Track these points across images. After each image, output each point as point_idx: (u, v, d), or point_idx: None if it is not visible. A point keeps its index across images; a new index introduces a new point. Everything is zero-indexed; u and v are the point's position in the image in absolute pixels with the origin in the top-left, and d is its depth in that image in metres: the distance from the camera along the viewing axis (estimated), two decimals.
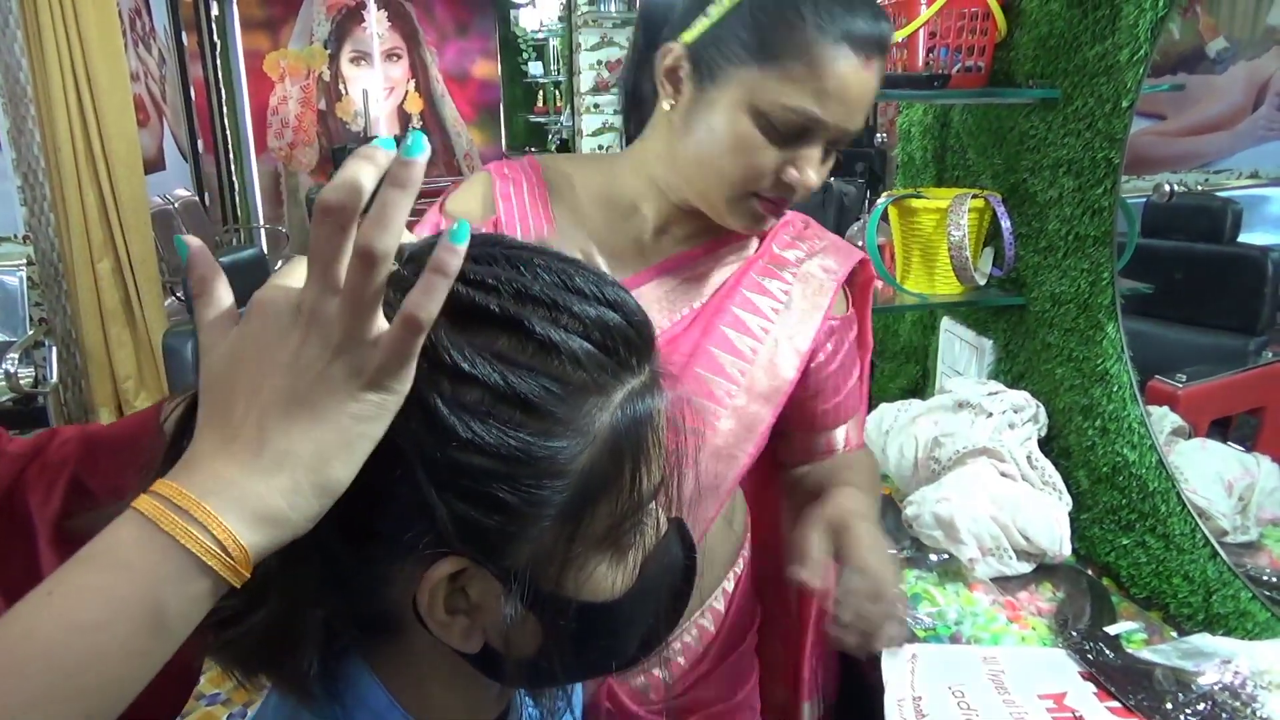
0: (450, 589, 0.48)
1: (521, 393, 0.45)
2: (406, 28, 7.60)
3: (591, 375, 0.47)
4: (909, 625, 1.21)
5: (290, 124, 7.49)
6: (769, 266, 1.01)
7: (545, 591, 0.48)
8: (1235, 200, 1.60)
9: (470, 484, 0.45)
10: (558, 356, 0.46)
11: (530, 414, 0.45)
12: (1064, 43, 1.36)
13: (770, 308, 0.99)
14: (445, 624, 0.49)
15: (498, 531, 0.46)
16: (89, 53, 3.62)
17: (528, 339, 0.46)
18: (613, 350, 0.48)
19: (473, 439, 0.44)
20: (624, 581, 0.52)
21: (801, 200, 0.91)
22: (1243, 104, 1.64)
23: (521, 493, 0.45)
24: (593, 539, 0.49)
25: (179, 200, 5.28)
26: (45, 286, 3.70)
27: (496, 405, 0.45)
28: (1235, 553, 1.21)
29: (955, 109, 1.72)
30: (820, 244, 1.05)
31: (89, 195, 3.69)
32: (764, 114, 0.84)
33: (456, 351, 0.44)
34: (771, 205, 0.89)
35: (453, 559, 0.46)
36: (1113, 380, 1.31)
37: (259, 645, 0.48)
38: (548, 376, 0.45)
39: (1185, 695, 0.98)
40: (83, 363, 3.82)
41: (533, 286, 0.47)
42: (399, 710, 0.54)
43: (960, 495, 1.34)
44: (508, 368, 0.45)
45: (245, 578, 0.41)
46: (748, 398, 0.97)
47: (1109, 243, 1.31)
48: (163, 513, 0.39)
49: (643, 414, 0.49)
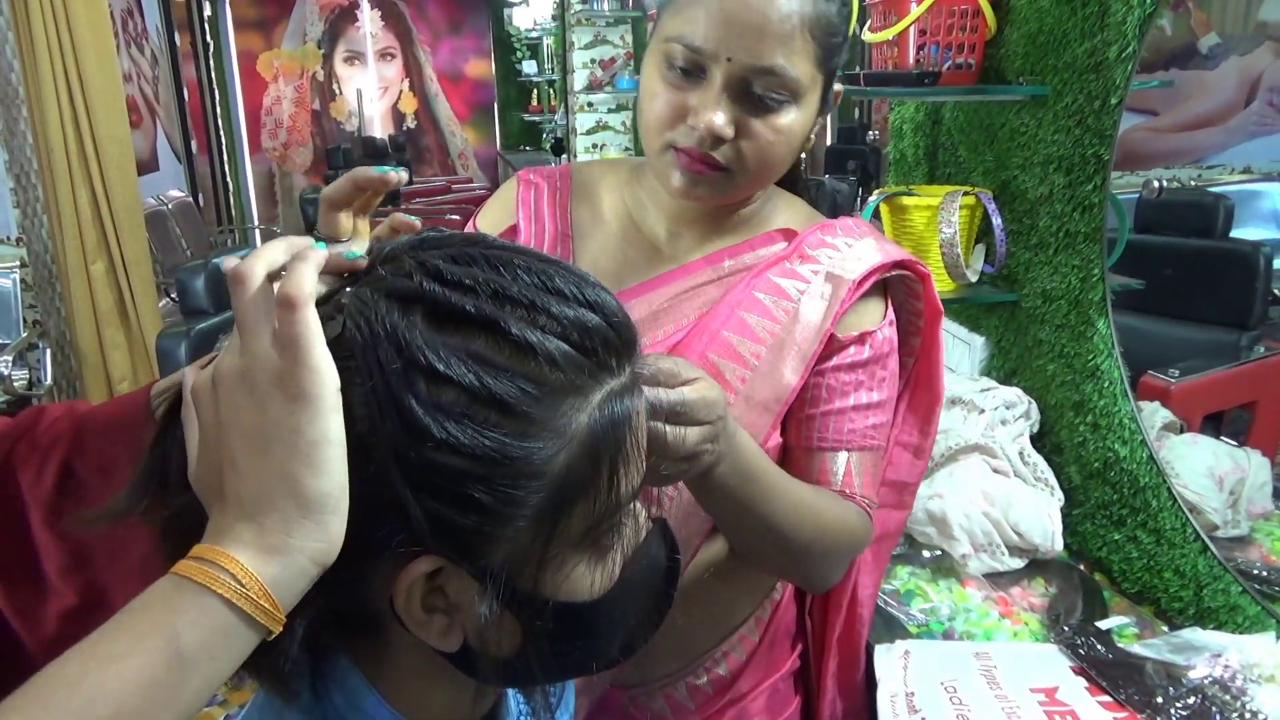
0: (428, 588, 0.48)
1: (497, 393, 0.45)
2: (400, 27, 7.59)
3: (569, 376, 0.47)
4: (902, 621, 1.22)
5: (284, 124, 7.48)
6: (791, 267, 0.91)
7: (523, 591, 0.48)
8: (1227, 196, 1.60)
9: (445, 484, 0.45)
10: (534, 358, 0.46)
11: (506, 415, 0.45)
12: (1053, 40, 1.37)
13: (782, 308, 0.90)
14: (423, 622, 0.49)
15: (473, 531, 0.46)
16: (81, 54, 3.61)
17: (504, 340, 0.46)
18: (591, 351, 0.48)
19: (448, 439, 0.44)
20: (603, 582, 0.52)
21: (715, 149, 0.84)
22: (1235, 99, 1.64)
23: (497, 493, 0.45)
24: (570, 540, 0.49)
25: (173, 202, 5.27)
26: (39, 289, 3.69)
27: (472, 406, 0.45)
28: (1226, 547, 1.22)
29: (946, 106, 1.72)
30: (855, 237, 0.93)
31: (82, 197, 3.68)
32: (663, 57, 0.84)
33: (432, 352, 0.44)
34: (687, 157, 0.84)
35: (428, 558, 0.46)
36: (1104, 376, 1.32)
37: None
38: (524, 378, 0.45)
39: (1176, 689, 0.99)
40: (77, 365, 3.81)
41: (511, 287, 0.47)
42: (387, 709, 0.54)
43: (953, 491, 1.34)
44: (483, 368, 0.45)
45: (272, 613, 0.42)
46: (745, 407, 0.88)
47: (1099, 239, 1.31)
48: (183, 564, 0.43)
49: (621, 415, 0.49)
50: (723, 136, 0.82)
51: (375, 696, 0.54)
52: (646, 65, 0.87)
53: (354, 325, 0.46)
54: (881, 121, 3.20)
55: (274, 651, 0.47)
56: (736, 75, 0.81)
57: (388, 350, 0.44)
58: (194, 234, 5.29)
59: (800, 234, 0.93)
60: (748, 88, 0.82)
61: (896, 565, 1.36)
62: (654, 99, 0.85)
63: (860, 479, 0.90)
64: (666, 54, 0.83)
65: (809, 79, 0.84)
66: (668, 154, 0.86)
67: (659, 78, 0.84)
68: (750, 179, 0.88)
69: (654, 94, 0.85)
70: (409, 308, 0.46)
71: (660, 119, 0.85)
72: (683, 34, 0.81)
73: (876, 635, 1.16)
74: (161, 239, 4.77)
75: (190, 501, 0.47)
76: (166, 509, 0.49)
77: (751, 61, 0.80)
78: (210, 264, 2.84)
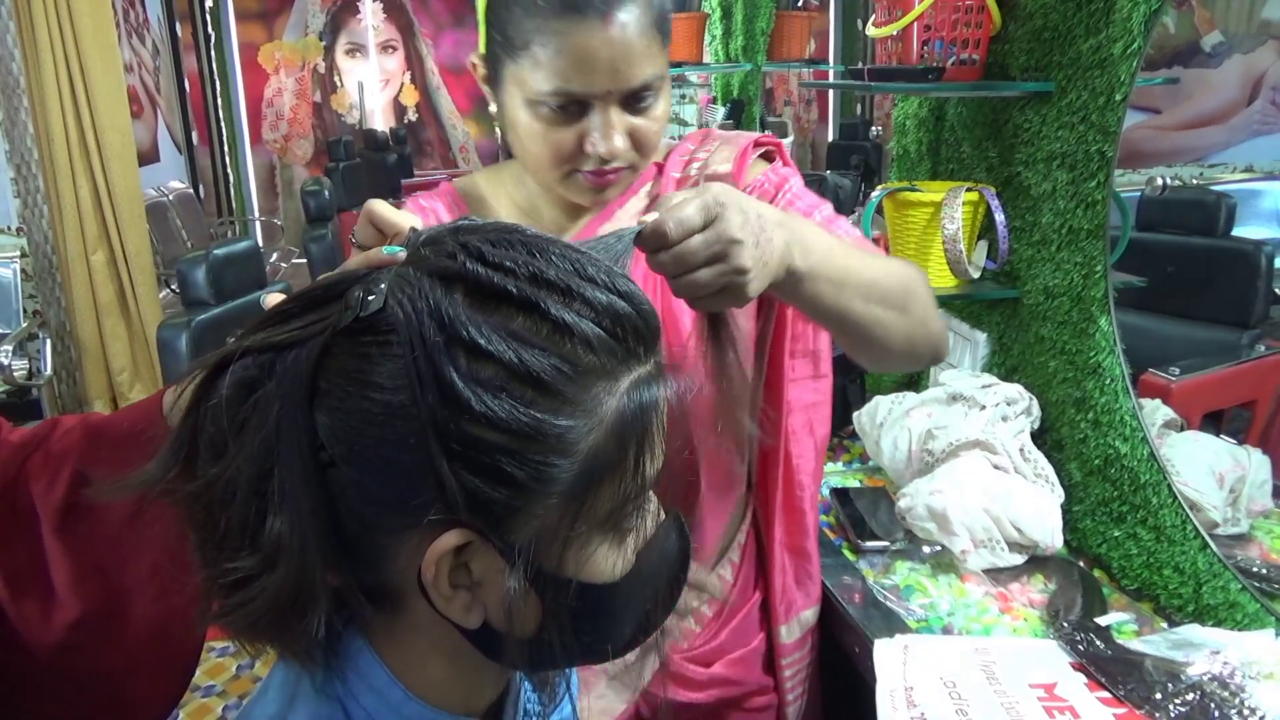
0: (454, 563, 0.49)
1: (535, 371, 0.46)
2: (402, 19, 7.58)
3: (601, 360, 0.49)
4: (901, 616, 1.22)
5: (285, 116, 7.47)
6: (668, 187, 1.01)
7: (547, 570, 0.50)
8: (1229, 194, 1.61)
9: (481, 457, 0.46)
10: (570, 339, 0.48)
11: (542, 392, 0.47)
12: (1058, 36, 1.37)
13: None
14: (448, 597, 0.50)
15: (504, 505, 0.47)
16: (82, 44, 3.61)
17: (543, 320, 0.48)
18: (622, 338, 0.50)
19: (486, 413, 0.46)
20: (623, 565, 0.53)
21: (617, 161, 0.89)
22: (1238, 98, 1.65)
23: (529, 468, 0.47)
24: (595, 520, 0.50)
25: (174, 193, 5.27)
26: (39, 279, 3.69)
27: (510, 382, 0.46)
28: (1226, 544, 1.22)
29: (950, 102, 1.72)
30: (715, 144, 1.03)
31: (83, 187, 3.68)
32: (536, 102, 0.86)
33: (474, 328, 0.46)
34: (595, 177, 0.90)
35: (459, 531, 0.48)
36: (1105, 373, 1.32)
37: (268, 610, 0.49)
38: (560, 357, 0.47)
39: (1175, 685, 0.99)
40: (77, 355, 3.81)
41: (548, 271, 0.49)
42: (399, 687, 0.55)
43: (953, 487, 1.34)
44: (523, 346, 0.47)
45: None
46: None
47: (1102, 236, 1.31)
48: None
49: (648, 402, 0.51)
50: (622, 152, 0.88)
51: (388, 675, 0.55)
52: (513, 112, 0.89)
53: (395, 301, 0.47)
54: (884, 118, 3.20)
55: (304, 619, 0.49)
56: (616, 99, 0.86)
57: (429, 325, 0.46)
58: (194, 225, 5.29)
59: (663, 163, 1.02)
60: (629, 102, 0.87)
61: (896, 560, 1.36)
62: (539, 141, 0.88)
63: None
64: (538, 101, 0.86)
65: (665, 65, 0.90)
66: (571, 178, 0.91)
67: (536, 121, 0.87)
68: (646, 164, 0.95)
69: (537, 136, 0.88)
70: (451, 286, 0.48)
71: (554, 156, 0.89)
72: (556, 87, 0.84)
73: (875, 630, 1.17)
74: (162, 230, 4.77)
75: (220, 473, 0.48)
76: (195, 480, 0.50)
77: (629, 86, 0.85)
78: (211, 255, 2.84)
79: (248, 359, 0.49)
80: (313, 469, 0.47)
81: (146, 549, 0.67)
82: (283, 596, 0.48)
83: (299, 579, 0.48)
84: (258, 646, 0.53)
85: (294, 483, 0.47)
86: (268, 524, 0.47)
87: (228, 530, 0.49)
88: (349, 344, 0.48)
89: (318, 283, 0.52)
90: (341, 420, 0.47)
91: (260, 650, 0.53)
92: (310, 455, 0.47)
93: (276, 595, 0.48)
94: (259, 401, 0.48)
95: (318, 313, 0.50)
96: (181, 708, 2.43)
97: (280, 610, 0.49)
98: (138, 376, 3.98)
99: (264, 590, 0.48)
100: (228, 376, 0.49)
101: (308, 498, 0.47)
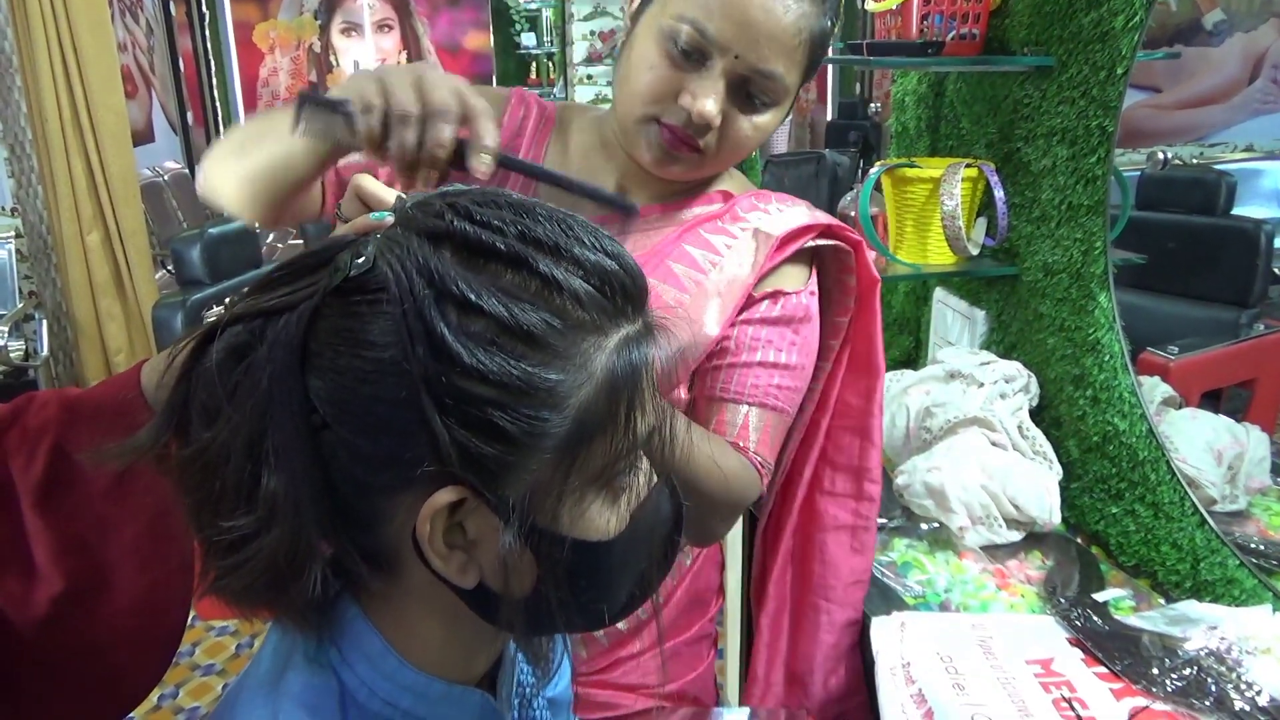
0: (449, 522, 0.49)
1: (525, 325, 0.47)
2: None
3: (590, 315, 0.49)
4: (899, 593, 1.22)
5: (281, 96, 7.42)
6: (722, 225, 0.94)
7: (541, 526, 0.50)
8: (1229, 173, 1.60)
9: (473, 411, 0.46)
10: (559, 294, 0.48)
11: (532, 346, 0.47)
12: (1059, 9, 1.35)
13: (709, 260, 0.92)
14: (444, 556, 0.50)
15: (497, 460, 0.47)
16: (75, 22, 3.57)
17: (531, 276, 0.48)
18: (610, 295, 0.50)
19: (477, 366, 0.46)
20: (617, 523, 0.54)
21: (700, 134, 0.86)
22: (1239, 77, 1.64)
23: (521, 422, 0.47)
24: (588, 476, 0.51)
25: (169, 173, 5.24)
26: (34, 259, 3.67)
27: (500, 335, 0.47)
28: (1223, 521, 1.22)
29: (950, 77, 1.71)
30: (788, 204, 0.97)
31: (77, 167, 3.65)
32: (667, 32, 0.83)
33: (464, 284, 0.47)
34: (671, 135, 0.86)
35: (452, 488, 0.48)
36: (1104, 350, 1.31)
37: (264, 570, 0.49)
38: (550, 311, 0.48)
39: (1171, 660, 0.99)
40: (73, 335, 3.80)
41: (536, 229, 0.49)
42: (393, 655, 0.55)
43: (951, 464, 1.34)
44: (512, 301, 0.47)
45: None
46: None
47: (1102, 212, 1.30)
48: None
49: (638, 360, 0.51)
50: (711, 125, 0.85)
51: (382, 643, 0.55)
52: (642, 34, 0.87)
53: (384, 261, 0.48)
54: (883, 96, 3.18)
55: (300, 579, 0.49)
56: (738, 72, 0.84)
57: (419, 281, 0.46)
58: (190, 205, 5.26)
59: (736, 197, 0.97)
60: (744, 85, 0.85)
61: (894, 538, 1.36)
62: (647, 70, 0.85)
63: (757, 435, 0.91)
64: (671, 30, 0.83)
65: (794, 87, 0.88)
66: (650, 126, 0.87)
67: (658, 51, 0.85)
68: (719, 165, 0.92)
69: (649, 65, 0.85)
70: (439, 244, 0.48)
71: (651, 91, 0.86)
72: (695, 18, 0.82)
73: (873, 606, 1.17)
74: (157, 210, 4.75)
75: (214, 438, 0.48)
76: (188, 445, 0.50)
77: (756, 64, 0.83)
78: (206, 234, 2.83)
79: (238, 325, 0.49)
80: (306, 432, 0.47)
81: (128, 522, 0.67)
82: (279, 556, 0.48)
83: (295, 538, 0.48)
84: (254, 612, 0.53)
85: (288, 446, 0.47)
86: (263, 483, 0.48)
87: (222, 492, 0.49)
88: (339, 304, 0.48)
89: (307, 250, 0.52)
90: (333, 381, 0.47)
91: (257, 620, 0.54)
92: (303, 418, 0.47)
93: (273, 555, 0.48)
94: (250, 366, 0.48)
95: (307, 279, 0.50)
96: (181, 686, 2.44)
97: (277, 571, 0.49)
98: (134, 356, 3.96)
99: (260, 550, 0.49)
100: (218, 343, 0.49)
101: (302, 460, 0.47)
